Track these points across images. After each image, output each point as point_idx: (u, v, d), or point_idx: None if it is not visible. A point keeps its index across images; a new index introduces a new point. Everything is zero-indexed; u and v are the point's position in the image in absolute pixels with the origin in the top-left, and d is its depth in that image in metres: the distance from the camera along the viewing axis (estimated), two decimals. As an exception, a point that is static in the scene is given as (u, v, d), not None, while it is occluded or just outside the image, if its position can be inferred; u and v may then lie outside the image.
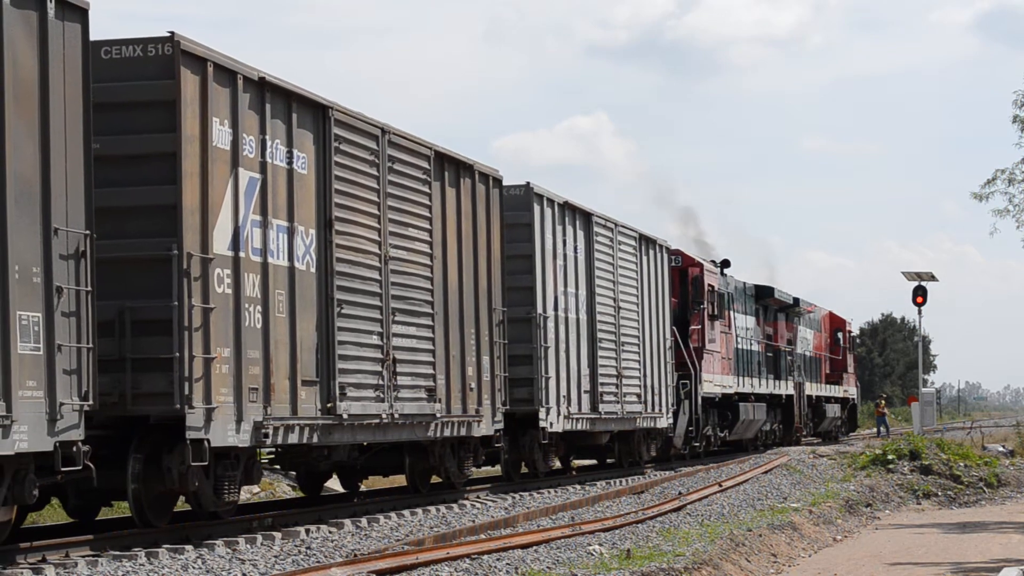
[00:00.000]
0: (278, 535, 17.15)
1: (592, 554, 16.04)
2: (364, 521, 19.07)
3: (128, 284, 15.90)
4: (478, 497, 23.99)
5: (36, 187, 13.75)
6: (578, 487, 27.02)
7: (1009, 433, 54.00)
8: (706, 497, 24.59)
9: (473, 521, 19.52)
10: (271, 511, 18.81)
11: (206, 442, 16.15)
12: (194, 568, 14.36)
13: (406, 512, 20.39)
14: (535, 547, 16.55)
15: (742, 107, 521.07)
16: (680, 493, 24.94)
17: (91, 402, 14.29)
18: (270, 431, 17.31)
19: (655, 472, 32.73)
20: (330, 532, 18.06)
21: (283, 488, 28.57)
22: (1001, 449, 41.23)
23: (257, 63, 17.21)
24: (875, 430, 62.82)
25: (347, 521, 18.85)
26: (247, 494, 25.85)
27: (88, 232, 14.37)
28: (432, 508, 21.41)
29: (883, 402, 64.80)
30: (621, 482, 28.52)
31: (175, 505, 17.29)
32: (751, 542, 18.16)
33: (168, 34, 16.24)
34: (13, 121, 13.45)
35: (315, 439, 18.56)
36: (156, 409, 15.97)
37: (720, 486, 26.72)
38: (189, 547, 15.62)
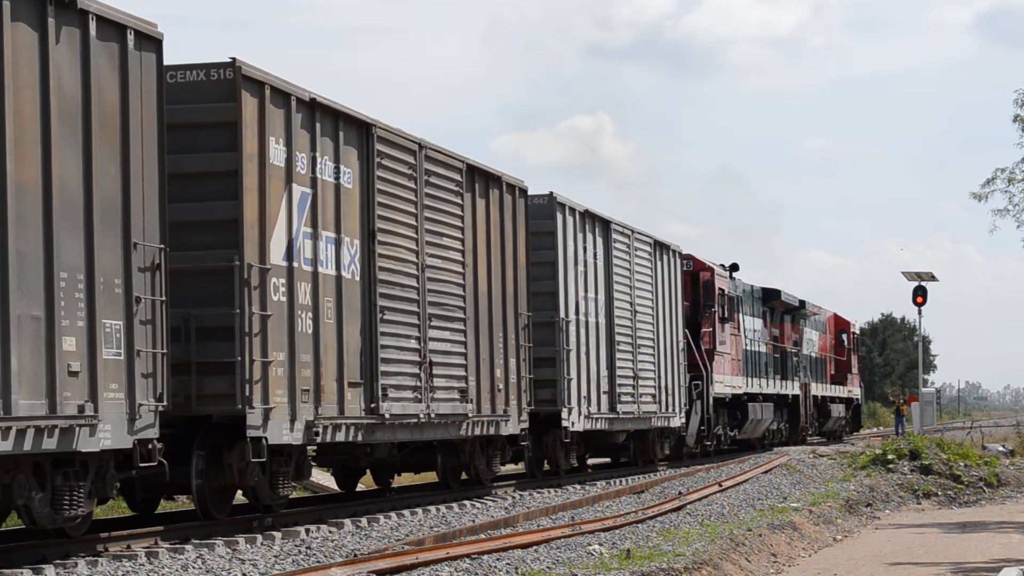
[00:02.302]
0: (278, 535, 17.31)
1: (592, 554, 16.06)
2: (364, 521, 19.28)
3: (193, 293, 17.02)
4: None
5: (118, 205, 14.95)
6: (577, 487, 27.54)
7: (1009, 433, 54.25)
8: (706, 497, 24.79)
9: (473, 521, 19.75)
10: (272, 511, 19.02)
11: (264, 440, 17.34)
12: (194, 568, 14.54)
13: (406, 512, 20.76)
14: (535, 547, 16.61)
15: (742, 107, 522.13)
16: (680, 493, 25.17)
17: (165, 403, 15.50)
18: (320, 430, 18.50)
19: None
20: (330, 532, 18.22)
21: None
22: (1001, 449, 41.61)
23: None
24: (894, 428, 63.80)
25: (347, 521, 19.09)
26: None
27: (163, 246, 15.57)
28: (432, 508, 21.66)
29: (901, 400, 65.81)
30: (621, 482, 28.93)
31: (234, 498, 18.47)
32: (751, 542, 18.20)
33: (230, 60, 17.41)
34: (99, 146, 14.64)
35: (359, 437, 19.75)
36: (219, 409, 17.16)
37: (720, 486, 26.95)
38: (189, 547, 15.87)
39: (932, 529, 23.24)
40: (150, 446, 15.32)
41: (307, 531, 17.98)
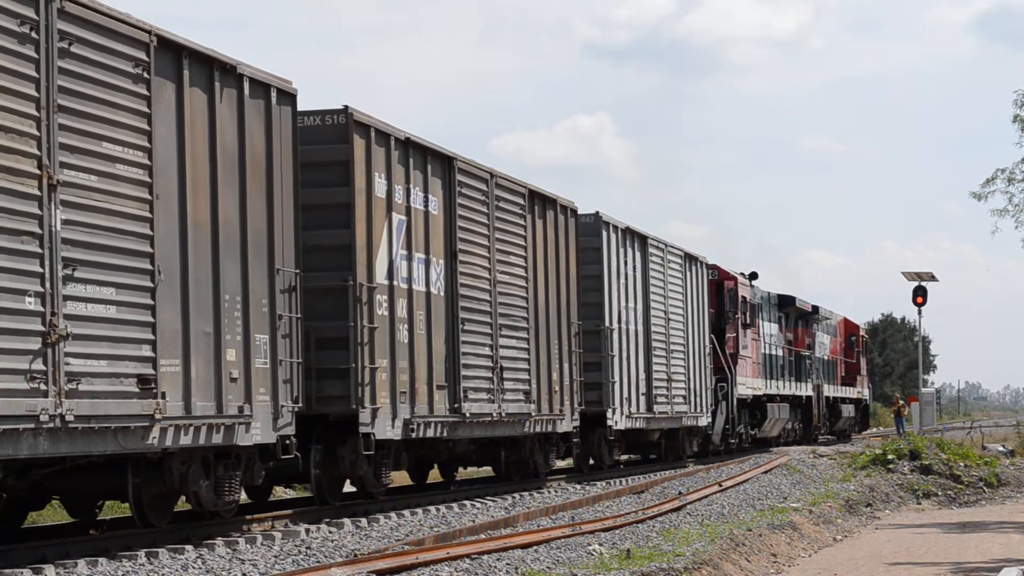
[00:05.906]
0: (278, 535, 17.48)
1: (592, 554, 16.16)
2: (364, 521, 19.46)
3: (312, 308, 19.67)
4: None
5: (264, 237, 17.66)
6: (580, 485, 29.04)
7: (1009, 433, 55.61)
8: (706, 497, 25.04)
9: (473, 521, 19.95)
10: (272, 511, 19.68)
11: (372, 435, 20.06)
12: (194, 568, 14.71)
13: (406, 512, 21.13)
14: (535, 547, 16.72)
15: (742, 107, 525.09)
16: (680, 493, 25.47)
17: (300, 404, 18.22)
18: (415, 427, 21.25)
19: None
20: (330, 532, 18.37)
21: (283, 488, 28.54)
22: (1001, 449, 42.59)
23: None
24: (895, 429, 65.97)
25: (347, 521, 19.28)
26: (245, 495, 26.13)
27: (298, 271, 18.28)
28: (432, 508, 21.91)
29: (900, 401, 68.05)
30: (621, 482, 29.35)
31: (343, 486, 21.17)
32: (751, 542, 18.31)
33: (343, 107, 20.12)
34: (250, 187, 17.35)
35: (445, 434, 22.49)
36: (334, 409, 19.88)
37: (720, 486, 27.26)
38: (189, 547, 16.03)
39: (932, 529, 23.54)
40: (288, 441, 18.02)
41: (307, 531, 18.23)
